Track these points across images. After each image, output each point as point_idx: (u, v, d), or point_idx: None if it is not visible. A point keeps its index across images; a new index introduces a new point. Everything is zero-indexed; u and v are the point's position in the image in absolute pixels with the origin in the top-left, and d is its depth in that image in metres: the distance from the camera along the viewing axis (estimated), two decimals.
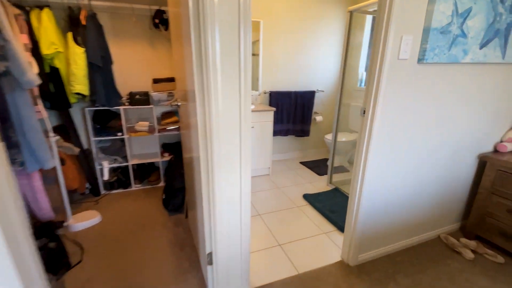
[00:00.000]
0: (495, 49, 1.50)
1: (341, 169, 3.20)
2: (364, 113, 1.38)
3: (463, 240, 1.87)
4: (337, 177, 2.88)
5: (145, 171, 2.70)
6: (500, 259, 1.70)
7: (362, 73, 3.43)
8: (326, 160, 3.54)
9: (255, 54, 3.01)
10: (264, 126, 2.78)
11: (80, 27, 2.18)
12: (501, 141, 1.89)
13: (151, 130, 2.52)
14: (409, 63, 1.31)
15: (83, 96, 2.25)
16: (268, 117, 2.77)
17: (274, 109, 2.78)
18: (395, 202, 1.65)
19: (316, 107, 3.54)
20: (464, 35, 1.36)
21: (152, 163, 2.79)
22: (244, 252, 1.33)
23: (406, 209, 1.72)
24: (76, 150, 2.30)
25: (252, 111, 2.66)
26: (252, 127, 2.71)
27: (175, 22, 1.42)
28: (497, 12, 1.40)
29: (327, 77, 3.48)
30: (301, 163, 3.42)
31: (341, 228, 1.99)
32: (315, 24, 3.17)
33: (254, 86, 3.12)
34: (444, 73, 1.43)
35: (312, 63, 3.32)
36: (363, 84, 3.42)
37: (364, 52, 3.36)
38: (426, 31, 1.26)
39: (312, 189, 2.67)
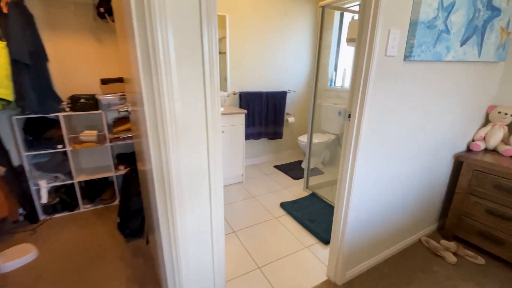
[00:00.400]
0: (473, 47, 1.45)
1: (315, 172, 3.09)
2: (349, 117, 1.22)
3: (443, 242, 1.84)
4: (312, 181, 2.75)
5: (96, 189, 2.29)
6: (481, 260, 1.68)
7: (332, 72, 3.37)
8: (300, 162, 3.42)
9: (222, 52, 2.75)
10: (235, 130, 2.54)
11: (1, 16, 1.74)
12: (473, 140, 1.89)
13: (100, 140, 2.13)
14: (396, 61, 1.18)
15: (8, 101, 1.80)
16: (239, 120, 2.54)
17: (245, 111, 2.56)
18: (381, 210, 1.54)
19: (287, 108, 3.40)
20: (447, 31, 1.27)
21: (105, 179, 2.39)
22: None
23: (391, 216, 1.62)
24: (1, 169, 1.84)
25: (222, 114, 2.41)
26: (223, 131, 2.46)
27: (118, 10, 1.12)
28: (476, 8, 1.34)
29: (297, 76, 3.35)
30: (275, 167, 3.25)
31: (323, 239, 1.84)
32: (284, 20, 3.01)
33: (222, 87, 2.86)
34: (429, 71, 1.33)
35: (282, 62, 3.16)
36: (333, 83, 3.35)
37: (333, 50, 3.29)
38: (414, 24, 1.14)
39: (289, 196, 2.51)
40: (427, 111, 1.46)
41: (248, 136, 3.04)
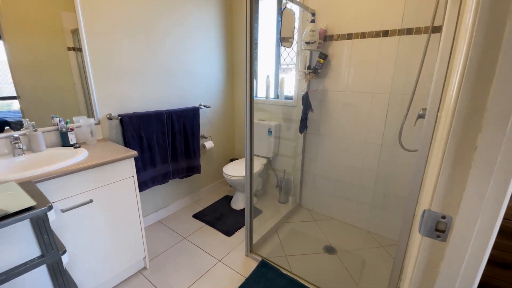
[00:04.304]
0: None
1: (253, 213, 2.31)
2: (440, 235, 0.45)
3: None
4: (254, 233, 1.95)
5: None
6: None
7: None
8: (227, 199, 2.55)
9: (76, 48, 1.51)
10: (118, 189, 1.40)
11: None
12: None
13: None
14: None
15: None
16: (125, 171, 1.41)
17: (135, 153, 1.44)
18: None
19: (202, 129, 2.44)
20: None
21: None
22: None
23: None
24: None
25: (79, 168, 1.22)
26: (90, 200, 1.27)
27: None
28: None
29: (210, 86, 2.44)
30: (195, 217, 2.25)
31: None
32: (180, 5, 2.03)
33: (81, 108, 1.61)
34: None
35: (186, 65, 2.17)
36: (255, 94, 2.63)
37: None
38: None
39: (229, 277, 1.60)
40: None
41: (146, 184, 1.90)
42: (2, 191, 0.90)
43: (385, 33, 1.70)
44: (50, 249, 0.90)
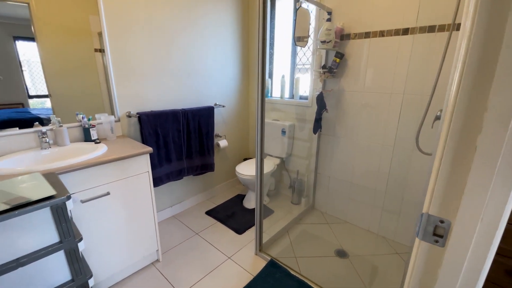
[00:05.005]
0: None
1: (264, 212, 2.31)
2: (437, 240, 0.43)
3: None
4: (264, 233, 1.95)
5: None
6: None
7: (267, 80, 2.65)
8: (240, 198, 2.57)
9: (99, 50, 1.61)
10: (134, 183, 1.47)
11: None
12: None
13: None
14: None
15: None
16: (140, 166, 1.48)
17: (150, 149, 1.51)
18: None
19: (216, 129, 2.49)
20: None
21: None
22: None
23: None
24: None
25: (98, 161, 1.29)
26: (107, 193, 1.35)
27: None
28: None
29: (225, 86, 2.48)
30: (207, 214, 2.30)
31: None
32: (198, 7, 2.08)
33: (105, 106, 1.71)
34: None
35: (203, 66, 2.22)
36: (270, 94, 2.64)
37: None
38: None
39: (237, 274, 1.62)
40: None
41: (162, 180, 1.97)
42: (28, 181, 0.99)
43: (405, 31, 1.63)
44: (68, 236, 0.96)
